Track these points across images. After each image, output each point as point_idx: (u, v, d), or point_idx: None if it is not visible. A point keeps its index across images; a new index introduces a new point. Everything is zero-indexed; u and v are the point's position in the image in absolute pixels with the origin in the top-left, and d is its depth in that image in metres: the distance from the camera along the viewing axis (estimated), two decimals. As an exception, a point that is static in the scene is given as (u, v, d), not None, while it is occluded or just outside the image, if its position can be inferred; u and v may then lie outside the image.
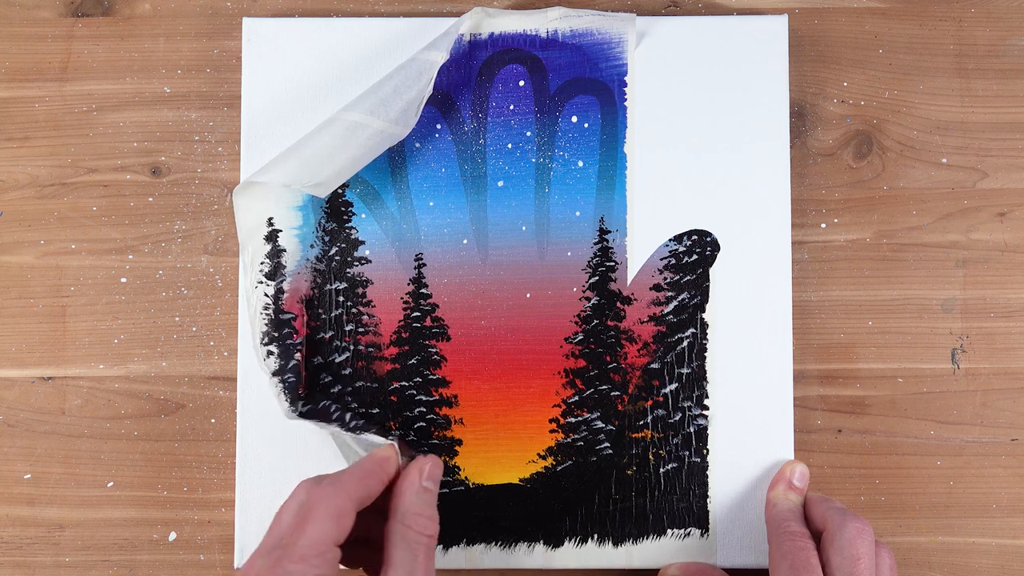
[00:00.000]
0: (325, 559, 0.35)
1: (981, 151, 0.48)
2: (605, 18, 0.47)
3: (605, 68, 0.47)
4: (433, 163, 0.47)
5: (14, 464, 0.48)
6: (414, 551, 0.37)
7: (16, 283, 0.48)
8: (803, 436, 0.47)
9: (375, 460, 0.39)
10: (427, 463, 0.40)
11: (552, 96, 0.47)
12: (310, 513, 0.36)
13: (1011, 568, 0.47)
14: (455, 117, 0.47)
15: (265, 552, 0.35)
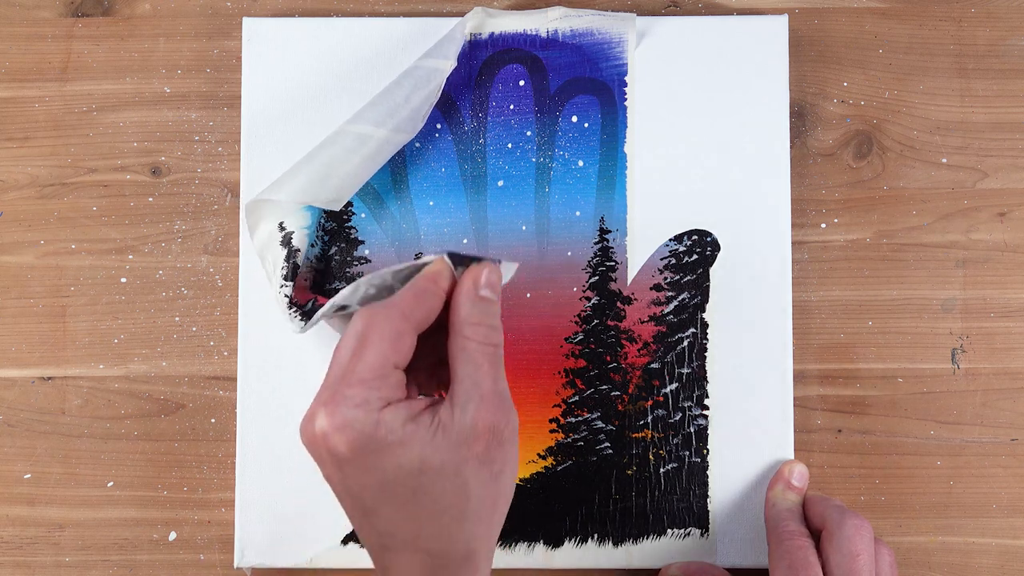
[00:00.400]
0: (386, 382, 0.33)
1: (981, 151, 0.48)
2: (605, 18, 0.47)
3: (605, 68, 0.47)
4: (433, 163, 0.47)
5: (14, 464, 0.48)
6: (477, 362, 0.35)
7: (16, 283, 0.48)
8: (803, 436, 0.47)
9: (427, 277, 0.36)
10: (482, 270, 0.36)
11: (552, 96, 0.47)
12: (366, 339, 0.34)
13: (1011, 568, 0.47)
14: (455, 117, 0.47)
15: (324, 389, 0.34)
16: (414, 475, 0.33)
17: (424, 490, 0.33)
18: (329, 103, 0.47)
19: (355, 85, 0.47)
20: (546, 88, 0.47)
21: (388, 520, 0.34)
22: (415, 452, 0.33)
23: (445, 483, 0.33)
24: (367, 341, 0.34)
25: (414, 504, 0.33)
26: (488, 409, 0.34)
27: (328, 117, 0.47)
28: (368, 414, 0.33)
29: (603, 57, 0.47)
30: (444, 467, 0.33)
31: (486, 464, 0.34)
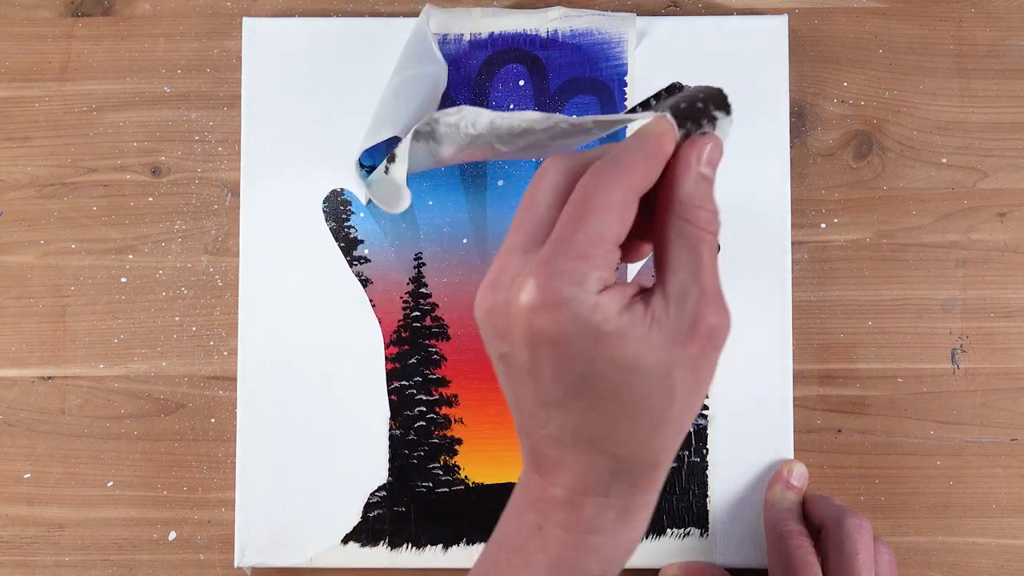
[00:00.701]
0: (607, 260, 0.29)
1: (981, 151, 0.48)
2: (605, 18, 0.47)
3: (605, 68, 0.47)
4: (433, 163, 0.47)
5: (14, 464, 0.48)
6: (697, 250, 0.29)
7: (16, 283, 0.48)
8: (803, 436, 0.47)
9: (653, 137, 0.30)
10: (706, 144, 0.30)
11: (552, 96, 0.47)
12: (590, 202, 0.28)
13: (1011, 568, 0.47)
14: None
15: (522, 250, 0.29)
16: (623, 372, 0.28)
17: (629, 389, 0.29)
18: (329, 103, 0.47)
19: (355, 85, 0.47)
20: (546, 88, 0.47)
21: (577, 415, 0.29)
22: (630, 347, 0.28)
23: (653, 384, 0.29)
24: (591, 205, 0.29)
25: (613, 402, 0.29)
26: (709, 307, 0.29)
27: (328, 117, 0.47)
28: (587, 295, 0.28)
29: (603, 57, 0.47)
30: (655, 367, 0.29)
31: (694, 370, 0.29)
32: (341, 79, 0.47)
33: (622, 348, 0.28)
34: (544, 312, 0.28)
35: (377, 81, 0.47)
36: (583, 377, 0.29)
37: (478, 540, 0.46)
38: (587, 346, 0.28)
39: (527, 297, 0.28)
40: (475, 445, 0.47)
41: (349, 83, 0.47)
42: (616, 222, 0.29)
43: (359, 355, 0.47)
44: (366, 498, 0.46)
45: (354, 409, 0.46)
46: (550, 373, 0.29)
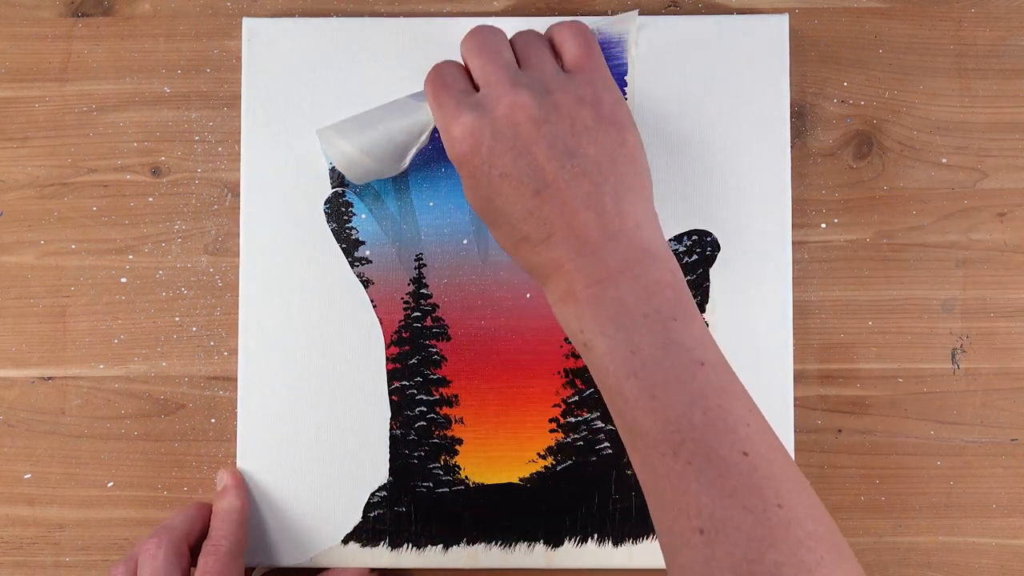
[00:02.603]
0: None
1: (981, 151, 0.48)
2: (607, 20, 0.47)
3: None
4: (433, 163, 0.47)
5: (14, 464, 0.48)
6: None
7: (16, 283, 0.48)
8: (803, 436, 0.47)
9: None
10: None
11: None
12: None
13: (1011, 568, 0.47)
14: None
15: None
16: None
17: None
18: (329, 103, 0.47)
19: (355, 85, 0.47)
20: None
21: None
22: None
23: None
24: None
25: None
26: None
27: (328, 117, 0.47)
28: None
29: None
30: None
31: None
32: (341, 79, 0.47)
33: None
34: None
35: (377, 81, 0.47)
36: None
37: (478, 540, 0.46)
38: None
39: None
40: (475, 445, 0.47)
41: (349, 83, 0.47)
42: None
43: (360, 355, 0.47)
44: (367, 498, 0.46)
45: (355, 409, 0.46)
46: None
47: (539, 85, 0.37)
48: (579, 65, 0.38)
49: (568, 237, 0.36)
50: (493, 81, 0.37)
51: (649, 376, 0.35)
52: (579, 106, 0.37)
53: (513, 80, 0.37)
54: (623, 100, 0.38)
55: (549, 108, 0.37)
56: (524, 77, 0.37)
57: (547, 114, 0.37)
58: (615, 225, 0.36)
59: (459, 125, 0.37)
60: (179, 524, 0.43)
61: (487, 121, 0.37)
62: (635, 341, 0.35)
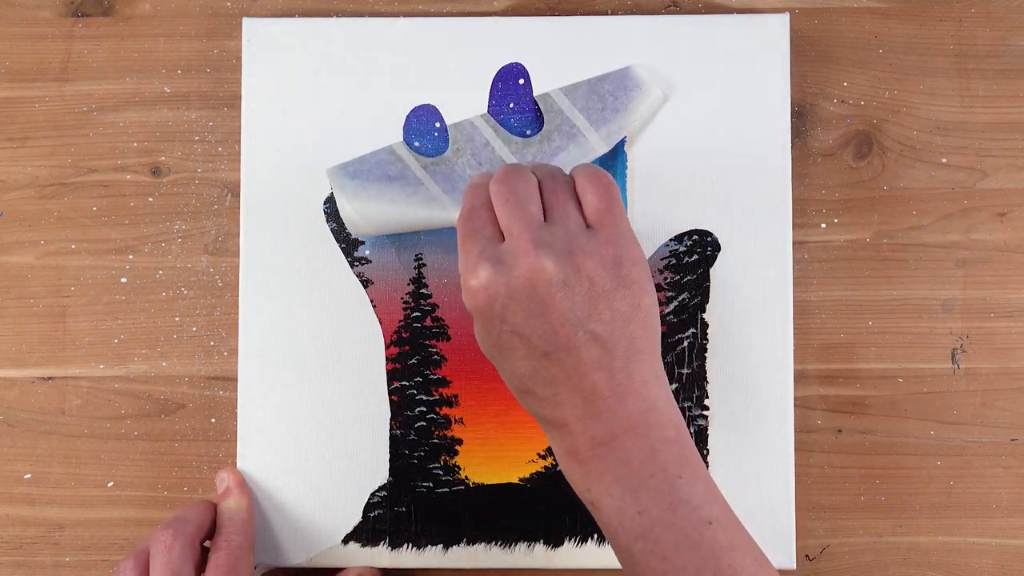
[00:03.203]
0: None
1: (981, 151, 0.48)
2: (607, 78, 0.47)
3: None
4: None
5: (14, 464, 0.48)
6: None
7: (16, 283, 0.48)
8: (803, 436, 0.47)
9: None
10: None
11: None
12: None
13: (1011, 568, 0.47)
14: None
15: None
16: None
17: None
18: (329, 103, 0.47)
19: (355, 85, 0.47)
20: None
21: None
22: None
23: None
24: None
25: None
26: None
27: (328, 117, 0.47)
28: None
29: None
30: None
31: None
32: (341, 79, 0.47)
33: None
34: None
35: (377, 81, 0.47)
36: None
37: (478, 540, 0.46)
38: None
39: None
40: (475, 445, 0.47)
41: (349, 83, 0.47)
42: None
43: (360, 355, 0.47)
44: (367, 498, 0.46)
45: (355, 409, 0.46)
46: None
47: (561, 245, 0.37)
48: (600, 220, 0.38)
49: (574, 399, 0.36)
50: (516, 237, 0.37)
51: (658, 539, 0.35)
52: (599, 268, 0.36)
53: (536, 240, 0.36)
54: (643, 257, 0.38)
55: (569, 271, 0.36)
56: (547, 235, 0.37)
57: (566, 278, 0.36)
58: (623, 387, 0.36)
59: (477, 278, 0.37)
60: (192, 517, 0.43)
61: (504, 279, 0.36)
62: (642, 502, 0.35)
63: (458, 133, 0.46)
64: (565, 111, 0.46)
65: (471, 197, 0.39)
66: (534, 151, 0.45)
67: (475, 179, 0.40)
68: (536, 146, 0.45)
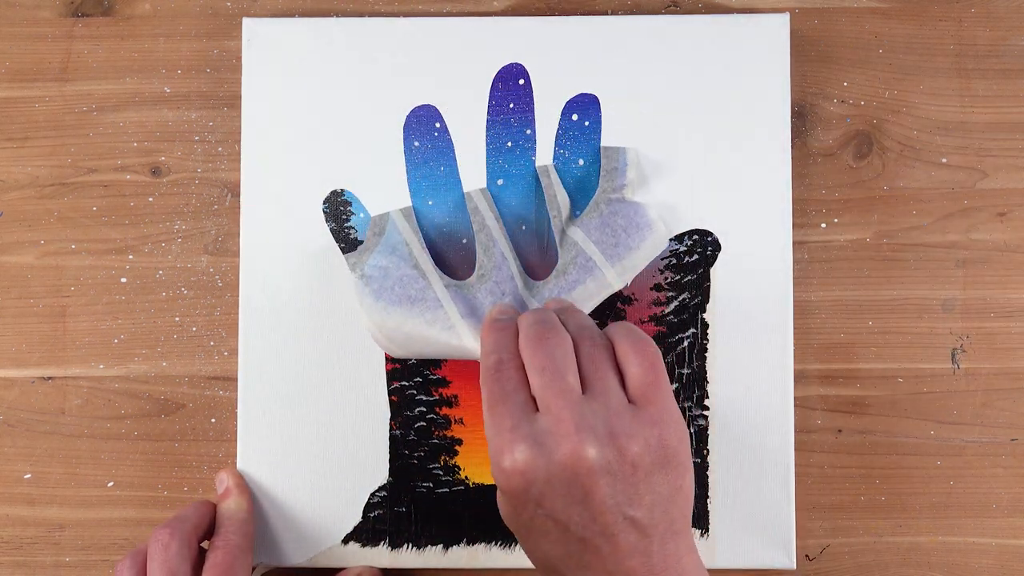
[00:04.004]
0: None
1: (981, 151, 0.48)
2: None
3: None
4: (432, 162, 0.47)
5: (14, 464, 0.48)
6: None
7: (16, 283, 0.48)
8: (803, 436, 0.47)
9: None
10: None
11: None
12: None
13: (1011, 568, 0.47)
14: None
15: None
16: None
17: None
18: (329, 103, 0.47)
19: (355, 85, 0.47)
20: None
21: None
22: None
23: None
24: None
25: None
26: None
27: (328, 117, 0.47)
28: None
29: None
30: None
31: None
32: (341, 79, 0.47)
33: None
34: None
35: (377, 81, 0.47)
36: None
37: (478, 540, 0.46)
38: None
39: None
40: (475, 445, 0.47)
41: (349, 83, 0.47)
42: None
43: (359, 356, 0.47)
44: (367, 498, 0.46)
45: (355, 409, 0.46)
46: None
47: (604, 426, 0.35)
48: (645, 396, 0.36)
49: None
50: (555, 415, 0.35)
51: None
52: (643, 452, 0.35)
53: (578, 422, 0.34)
54: (687, 434, 0.37)
55: (612, 456, 0.34)
56: (589, 413, 0.35)
57: (609, 464, 0.34)
58: (658, 568, 0.35)
59: (512, 459, 0.34)
60: (190, 517, 0.43)
61: (544, 463, 0.34)
62: None
63: (486, 259, 0.45)
64: (580, 243, 0.45)
65: (495, 343, 0.37)
66: (551, 286, 0.44)
67: (497, 315, 0.39)
68: (553, 281, 0.45)
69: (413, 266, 0.45)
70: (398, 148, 0.47)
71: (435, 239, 0.47)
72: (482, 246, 0.45)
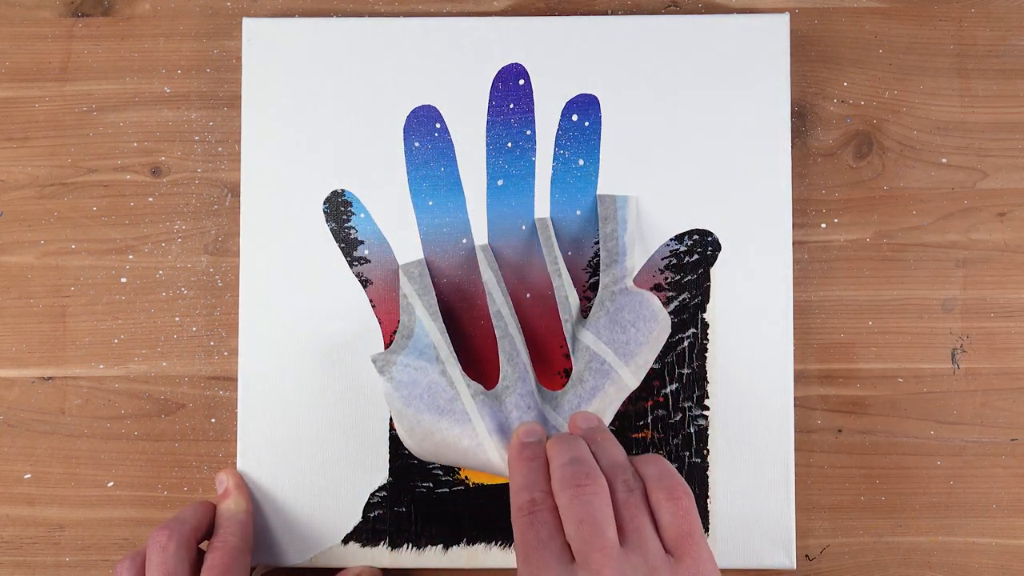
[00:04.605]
0: None
1: (981, 151, 0.48)
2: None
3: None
4: (432, 163, 0.47)
5: (14, 464, 0.48)
6: None
7: (16, 283, 0.48)
8: (803, 436, 0.47)
9: None
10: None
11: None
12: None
13: (1011, 568, 0.47)
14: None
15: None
16: None
17: None
18: (329, 103, 0.47)
19: (355, 85, 0.47)
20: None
21: None
22: None
23: None
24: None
25: None
26: None
27: (328, 117, 0.47)
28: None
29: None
30: None
31: None
32: (341, 79, 0.47)
33: None
34: None
35: (377, 81, 0.47)
36: None
37: (478, 540, 0.46)
38: None
39: None
40: (475, 445, 0.47)
41: (349, 83, 0.47)
42: None
43: (359, 355, 0.47)
44: (367, 498, 0.46)
45: (354, 409, 0.46)
46: None
47: None
48: (681, 547, 0.36)
49: None
50: (596, 569, 0.34)
51: None
52: None
53: None
54: None
55: None
56: (629, 570, 0.34)
57: None
58: None
59: None
60: (189, 518, 0.43)
61: None
62: None
63: (511, 369, 0.44)
64: (591, 346, 0.44)
65: (526, 478, 0.37)
66: (570, 396, 0.44)
67: (524, 437, 0.39)
68: (571, 390, 0.44)
69: (441, 372, 0.44)
70: (398, 148, 0.47)
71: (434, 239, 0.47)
72: (506, 355, 0.44)
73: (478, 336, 0.47)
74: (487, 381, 0.46)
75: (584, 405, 0.44)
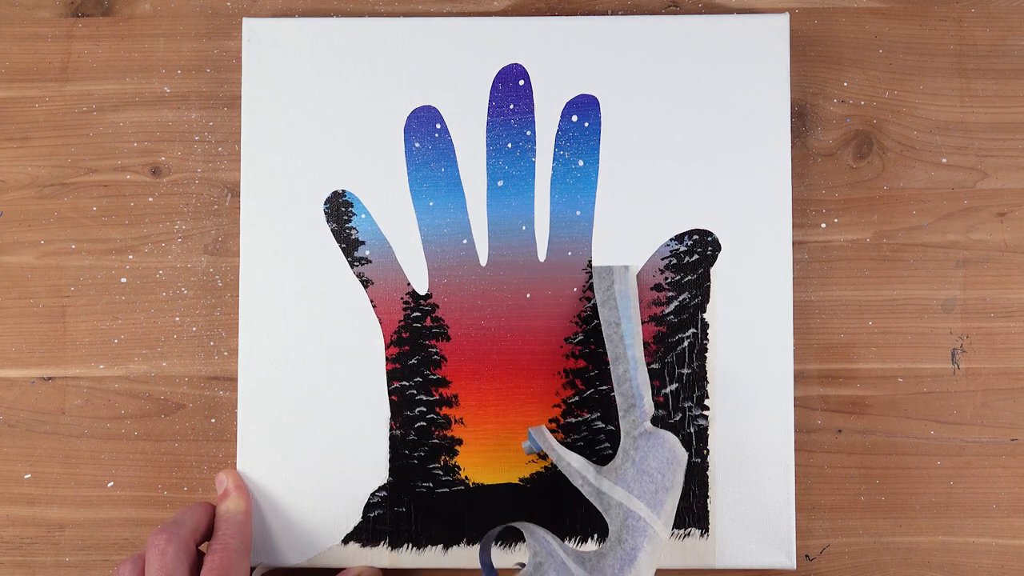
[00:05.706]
0: None
1: (981, 151, 0.48)
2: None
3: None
4: (433, 163, 0.47)
5: (14, 464, 0.48)
6: None
7: (16, 283, 0.48)
8: (803, 436, 0.47)
9: None
10: None
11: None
12: None
13: (1011, 568, 0.47)
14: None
15: None
16: None
17: None
18: (329, 103, 0.47)
19: (355, 85, 0.47)
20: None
21: None
22: None
23: None
24: None
25: None
26: None
27: (328, 117, 0.47)
28: None
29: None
30: None
31: None
32: (341, 79, 0.47)
33: None
34: None
35: (377, 81, 0.47)
36: None
37: (478, 540, 0.46)
38: None
39: None
40: (475, 445, 0.47)
41: (349, 83, 0.47)
42: None
43: (359, 355, 0.47)
44: (367, 498, 0.46)
45: (354, 409, 0.47)
46: None
47: None
48: None
49: None
50: None
51: None
52: None
53: None
54: None
55: None
56: None
57: None
58: None
59: None
60: (187, 520, 0.43)
61: None
62: None
63: (538, 546, 0.41)
64: (623, 501, 0.42)
65: None
66: (610, 561, 0.41)
67: None
68: (611, 554, 0.41)
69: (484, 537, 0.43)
70: (398, 149, 0.47)
71: (435, 239, 0.47)
72: (535, 541, 0.42)
73: (474, 338, 0.47)
74: (480, 380, 0.46)
75: (627, 568, 0.41)
